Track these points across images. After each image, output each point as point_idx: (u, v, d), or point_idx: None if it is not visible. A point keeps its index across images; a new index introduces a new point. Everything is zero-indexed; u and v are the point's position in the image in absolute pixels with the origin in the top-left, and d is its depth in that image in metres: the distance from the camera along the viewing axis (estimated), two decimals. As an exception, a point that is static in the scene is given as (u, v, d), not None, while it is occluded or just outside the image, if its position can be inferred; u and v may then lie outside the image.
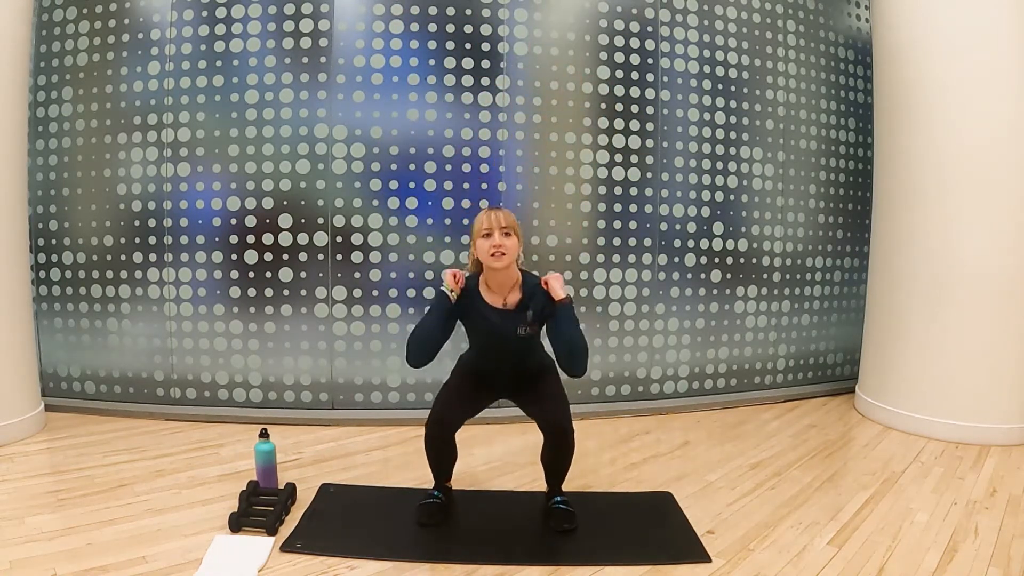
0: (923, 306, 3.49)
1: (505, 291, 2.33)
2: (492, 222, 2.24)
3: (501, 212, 2.27)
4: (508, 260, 2.24)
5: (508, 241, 2.23)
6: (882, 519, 2.49)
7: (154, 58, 3.46)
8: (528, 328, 2.31)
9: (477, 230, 2.27)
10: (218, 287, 3.51)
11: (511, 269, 2.29)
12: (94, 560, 2.08)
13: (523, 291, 2.33)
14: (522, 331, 2.31)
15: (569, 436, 2.33)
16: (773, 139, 4.01)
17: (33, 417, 3.28)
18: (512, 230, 2.25)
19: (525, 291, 2.33)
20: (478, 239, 2.26)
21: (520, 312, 2.31)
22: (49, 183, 3.58)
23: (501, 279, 2.30)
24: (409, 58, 3.47)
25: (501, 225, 2.23)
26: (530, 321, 2.31)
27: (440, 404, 2.38)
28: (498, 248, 2.21)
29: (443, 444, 2.41)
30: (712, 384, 4.03)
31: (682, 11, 3.77)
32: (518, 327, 2.31)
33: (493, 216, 2.25)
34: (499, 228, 2.23)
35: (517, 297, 2.33)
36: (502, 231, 2.23)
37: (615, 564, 2.16)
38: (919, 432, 3.47)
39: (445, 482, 2.55)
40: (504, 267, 2.25)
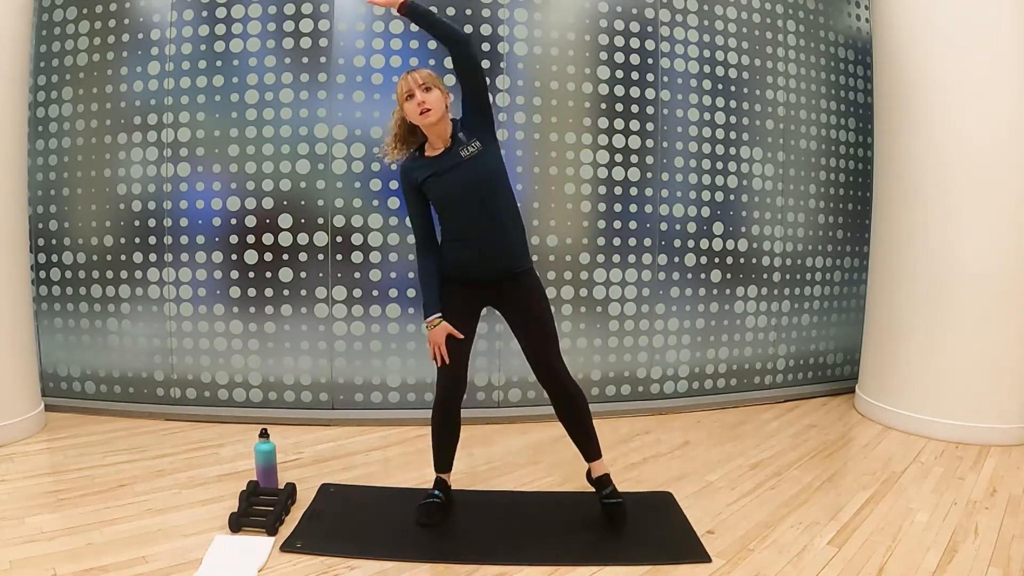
0: (923, 306, 3.49)
1: (443, 143, 2.31)
2: (411, 83, 2.23)
3: (417, 71, 2.26)
4: (436, 115, 2.23)
5: (430, 96, 2.22)
6: (882, 519, 2.49)
7: (154, 58, 3.46)
8: (468, 147, 2.27)
9: (400, 95, 2.26)
10: (218, 287, 3.51)
11: (444, 121, 2.29)
12: (94, 560, 2.08)
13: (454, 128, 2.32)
14: (465, 151, 2.27)
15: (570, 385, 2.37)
16: (773, 139, 4.01)
17: (33, 417, 3.28)
18: (431, 83, 2.24)
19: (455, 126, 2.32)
20: (403, 104, 2.26)
21: (455, 146, 2.29)
22: (49, 183, 3.58)
23: (440, 132, 2.29)
24: (409, 58, 3.47)
25: (419, 83, 2.22)
26: (465, 140, 2.28)
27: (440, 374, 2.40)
28: (423, 105, 2.21)
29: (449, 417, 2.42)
30: (712, 384, 4.03)
31: (682, 11, 3.77)
32: (460, 150, 2.27)
33: (411, 77, 2.24)
34: (419, 86, 2.22)
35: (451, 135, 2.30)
36: (422, 88, 2.22)
37: (615, 564, 2.16)
38: (919, 432, 3.47)
39: (445, 473, 2.54)
40: (435, 122, 2.25)
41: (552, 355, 2.38)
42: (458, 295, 2.39)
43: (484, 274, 2.35)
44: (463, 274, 2.37)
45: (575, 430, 2.46)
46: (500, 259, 2.34)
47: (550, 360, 2.37)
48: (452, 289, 2.39)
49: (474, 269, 2.35)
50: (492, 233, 2.31)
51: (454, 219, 2.34)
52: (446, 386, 2.41)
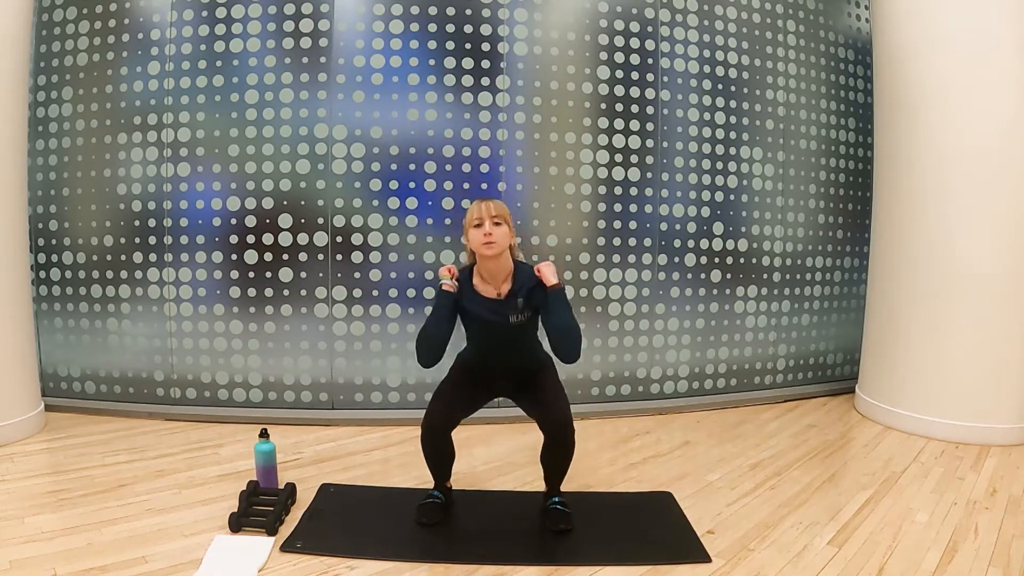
0: (923, 306, 3.49)
1: (499, 281, 2.33)
2: (483, 212, 2.25)
3: (492, 202, 2.28)
4: (499, 249, 2.25)
5: (498, 230, 2.24)
6: (882, 519, 2.49)
7: (154, 58, 3.46)
8: (520, 315, 2.31)
9: (469, 221, 2.28)
10: (218, 287, 3.51)
11: (504, 258, 2.30)
12: (94, 560, 2.08)
13: (515, 280, 2.33)
14: (514, 319, 2.31)
15: (569, 436, 2.32)
16: (773, 139, 4.01)
17: (33, 417, 3.28)
18: (503, 219, 2.26)
19: (517, 280, 2.33)
20: (470, 229, 2.28)
21: (512, 300, 2.32)
22: (49, 183, 3.58)
23: (494, 269, 2.30)
24: (409, 58, 3.47)
25: (491, 214, 2.24)
26: (521, 308, 2.31)
27: (434, 406, 2.37)
28: (489, 237, 2.22)
29: (439, 445, 2.40)
30: (712, 384, 4.03)
31: (682, 11, 3.77)
32: (511, 315, 2.31)
33: (484, 206, 2.26)
34: (489, 217, 2.24)
35: (509, 287, 2.33)
36: (492, 220, 2.24)
37: (615, 564, 2.16)
38: (919, 432, 3.47)
39: (445, 482, 2.54)
40: (495, 255, 2.26)
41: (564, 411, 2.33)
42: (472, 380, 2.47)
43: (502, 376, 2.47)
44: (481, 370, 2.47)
45: (553, 471, 2.44)
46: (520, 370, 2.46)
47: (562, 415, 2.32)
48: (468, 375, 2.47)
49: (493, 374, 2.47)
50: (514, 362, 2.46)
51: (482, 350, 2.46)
52: (435, 420, 2.35)
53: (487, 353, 2.45)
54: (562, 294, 2.28)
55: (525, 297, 2.31)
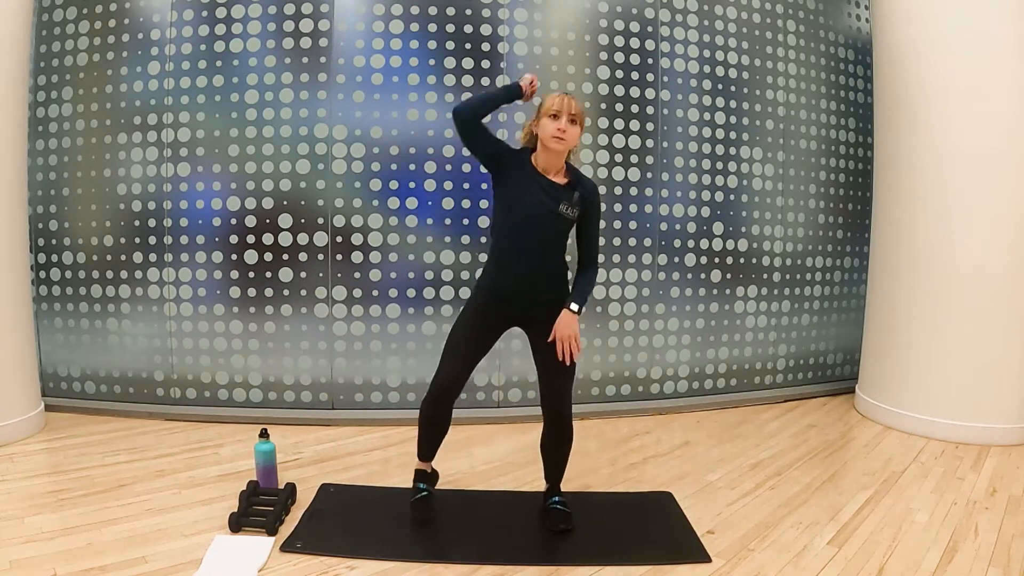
0: (923, 306, 3.49)
1: (551, 173, 2.30)
2: (563, 105, 2.21)
3: (575, 100, 2.25)
4: (567, 146, 2.24)
5: (572, 129, 2.21)
6: (882, 519, 2.49)
7: (154, 58, 3.46)
8: (571, 208, 2.27)
9: (547, 108, 2.23)
10: (218, 287, 3.51)
11: (562, 156, 2.28)
12: (94, 560, 2.08)
13: (570, 176, 2.31)
14: (565, 208, 2.26)
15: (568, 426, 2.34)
16: (773, 139, 4.01)
17: (33, 417, 3.28)
18: (579, 119, 2.24)
19: (571, 175, 2.31)
20: (545, 118, 2.23)
21: (566, 189, 2.28)
22: (49, 183, 3.58)
23: (552, 161, 2.28)
24: (409, 58, 3.47)
25: (571, 111, 2.21)
26: (575, 201, 2.27)
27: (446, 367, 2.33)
28: (562, 132, 2.19)
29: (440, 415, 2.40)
30: (712, 384, 4.03)
31: (682, 11, 3.77)
32: (561, 203, 2.26)
33: (566, 101, 2.22)
34: (568, 113, 2.20)
35: (565, 180, 2.30)
36: (570, 117, 2.21)
37: (615, 564, 2.16)
38: (919, 432, 3.47)
39: (429, 461, 2.53)
40: (561, 151, 2.25)
41: (566, 394, 2.34)
42: (490, 310, 2.37)
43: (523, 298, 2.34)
44: (500, 288, 2.35)
45: (552, 460, 2.45)
46: (542, 293, 2.34)
47: (562, 392, 2.33)
48: (487, 302, 2.38)
49: (515, 293, 2.33)
50: (540, 276, 2.32)
51: (509, 237, 2.31)
52: (445, 383, 2.35)
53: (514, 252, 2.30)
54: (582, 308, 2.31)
55: (581, 196, 2.28)
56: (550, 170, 2.29)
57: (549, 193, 2.26)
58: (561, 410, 2.34)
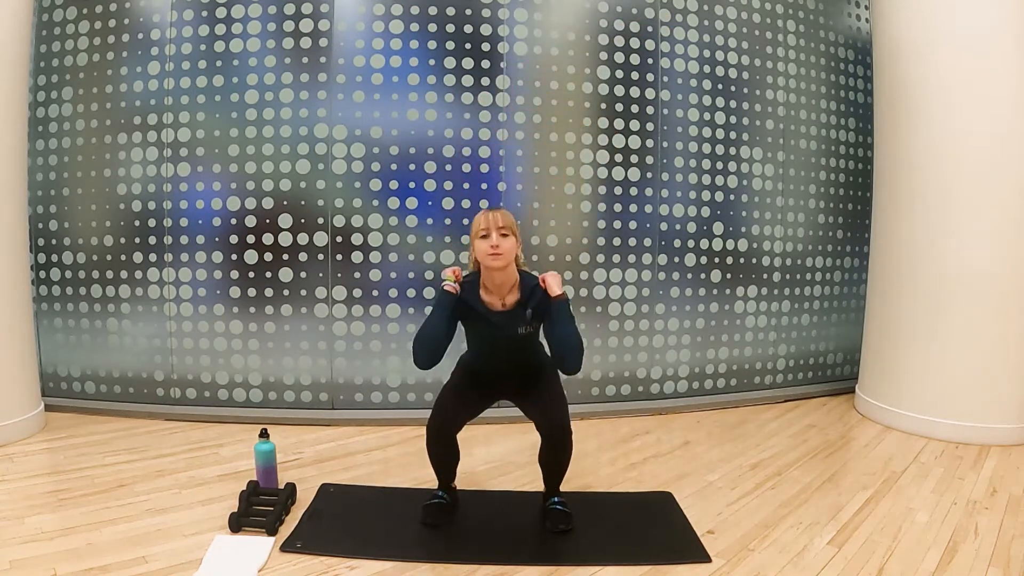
0: (923, 306, 3.49)
1: (504, 292, 2.32)
2: (489, 223, 2.23)
3: (499, 212, 2.26)
4: (505, 261, 2.24)
5: (505, 242, 2.22)
6: (882, 519, 2.49)
7: (154, 58, 3.46)
8: (528, 327, 2.32)
9: (475, 231, 2.27)
10: (218, 287, 3.51)
11: (509, 270, 2.29)
12: (94, 560, 2.08)
13: (521, 291, 2.33)
14: (522, 330, 2.31)
15: (568, 438, 2.32)
16: (773, 139, 4.01)
17: (33, 417, 3.28)
18: (510, 230, 2.24)
19: (523, 290, 2.32)
20: (476, 240, 2.26)
21: (518, 311, 2.31)
22: (49, 183, 3.58)
23: (499, 280, 2.30)
24: (409, 58, 3.47)
25: (498, 225, 2.22)
26: (529, 320, 2.31)
27: (439, 409, 2.37)
28: (495, 249, 2.21)
29: (445, 448, 2.41)
30: (712, 384, 4.03)
31: (682, 11, 3.77)
32: (518, 327, 2.31)
33: (491, 216, 2.24)
34: (496, 228, 2.22)
35: (515, 297, 2.32)
36: (499, 231, 2.22)
37: (615, 564, 2.16)
38: (919, 432, 3.47)
39: (449, 483, 2.54)
40: (501, 268, 2.25)
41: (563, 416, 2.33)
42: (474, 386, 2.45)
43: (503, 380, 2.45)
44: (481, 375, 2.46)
45: (552, 471, 2.45)
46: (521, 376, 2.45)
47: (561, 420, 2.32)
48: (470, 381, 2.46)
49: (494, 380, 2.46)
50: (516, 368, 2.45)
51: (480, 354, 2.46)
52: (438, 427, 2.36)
53: (490, 360, 2.44)
54: (565, 305, 2.27)
55: (533, 308, 2.30)
56: (504, 287, 2.31)
57: (503, 323, 2.31)
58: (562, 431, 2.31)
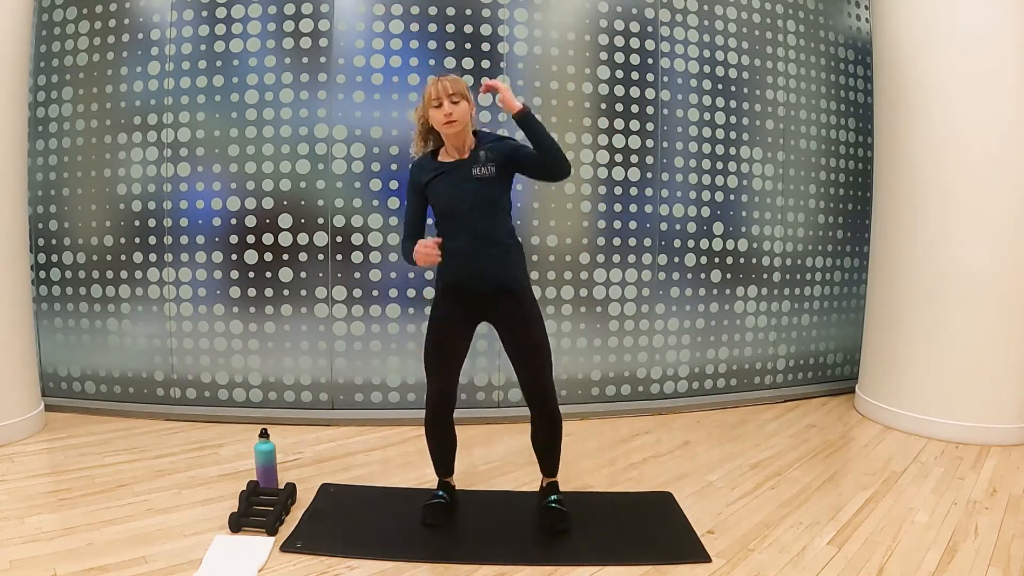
0: (923, 306, 3.49)
1: (462, 152, 2.32)
2: (440, 91, 2.22)
3: (448, 79, 2.25)
4: (460, 126, 2.25)
5: (458, 108, 2.22)
6: (882, 519, 2.49)
7: (154, 58, 3.46)
8: (484, 167, 2.27)
9: (427, 100, 2.26)
10: (218, 287, 3.51)
11: (465, 132, 2.30)
12: (94, 560, 2.08)
13: (478, 142, 2.33)
14: (477, 170, 2.27)
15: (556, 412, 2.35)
16: (773, 139, 4.01)
17: (33, 417, 3.28)
18: (460, 96, 2.24)
19: (481, 142, 2.33)
20: (430, 110, 2.26)
21: (473, 155, 2.29)
22: (49, 183, 3.58)
23: (458, 142, 2.30)
24: (409, 58, 3.47)
25: (448, 93, 2.22)
26: (484, 159, 2.28)
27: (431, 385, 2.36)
28: (449, 116, 2.21)
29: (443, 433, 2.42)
30: (712, 384, 4.03)
31: (682, 11, 3.77)
32: (472, 168, 2.27)
33: (440, 85, 2.23)
34: (447, 96, 2.22)
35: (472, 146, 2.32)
36: (450, 99, 2.22)
37: (615, 564, 2.16)
38: (919, 432, 3.46)
39: (448, 477, 2.54)
40: (456, 132, 2.26)
41: (545, 377, 2.33)
42: (452, 310, 2.37)
43: (478, 286, 2.31)
44: (457, 284, 2.34)
45: (544, 450, 2.44)
46: (495, 274, 2.31)
47: (543, 382, 2.33)
48: (447, 304, 2.38)
49: (468, 280, 2.32)
50: (488, 248, 2.30)
51: (452, 228, 2.31)
52: (435, 400, 2.37)
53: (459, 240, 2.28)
54: (531, 116, 2.25)
55: (487, 150, 2.29)
56: (462, 148, 2.32)
57: (458, 170, 2.29)
58: (544, 393, 2.33)
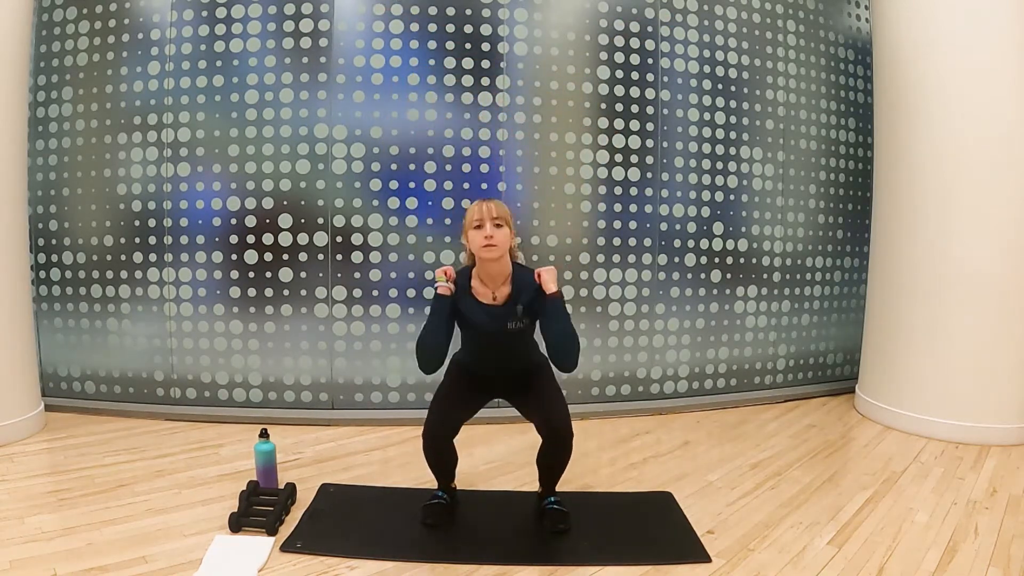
0: (923, 306, 3.49)
1: (497, 284, 2.29)
2: (483, 213, 2.21)
3: (492, 203, 2.24)
4: (500, 252, 2.22)
5: (499, 233, 2.20)
6: (882, 519, 2.49)
7: (154, 58, 3.46)
8: (518, 322, 2.29)
9: (469, 221, 2.24)
10: (218, 287, 3.51)
11: (503, 261, 2.27)
12: (94, 560, 2.08)
13: (514, 284, 2.30)
14: (512, 325, 2.28)
15: (569, 440, 2.31)
16: (773, 139, 4.01)
17: (33, 417, 3.28)
18: (504, 221, 2.22)
19: (516, 285, 2.30)
20: (470, 231, 2.24)
21: (510, 306, 2.28)
22: (49, 183, 3.58)
23: (493, 272, 2.27)
24: (409, 58, 3.47)
25: (492, 216, 2.20)
26: (519, 315, 2.28)
27: (434, 413, 2.35)
28: (490, 240, 2.19)
29: (441, 452, 2.40)
30: (712, 384, 4.03)
31: (682, 11, 3.77)
32: (508, 322, 2.28)
33: (484, 207, 2.22)
34: (490, 219, 2.20)
35: (507, 291, 2.30)
36: (493, 222, 2.20)
37: (615, 564, 2.16)
38: (919, 432, 3.47)
39: (449, 483, 2.54)
40: (495, 259, 2.23)
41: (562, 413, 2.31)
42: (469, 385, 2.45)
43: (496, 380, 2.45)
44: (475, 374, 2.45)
45: (548, 471, 2.44)
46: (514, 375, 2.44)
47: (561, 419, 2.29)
48: (467, 379, 2.45)
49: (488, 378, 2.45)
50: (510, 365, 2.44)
51: (474, 350, 2.44)
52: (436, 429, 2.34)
53: (483, 357, 2.43)
54: (560, 302, 2.24)
55: (525, 304, 2.28)
56: (496, 280, 2.29)
57: (494, 318, 2.29)
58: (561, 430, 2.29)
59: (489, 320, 2.29)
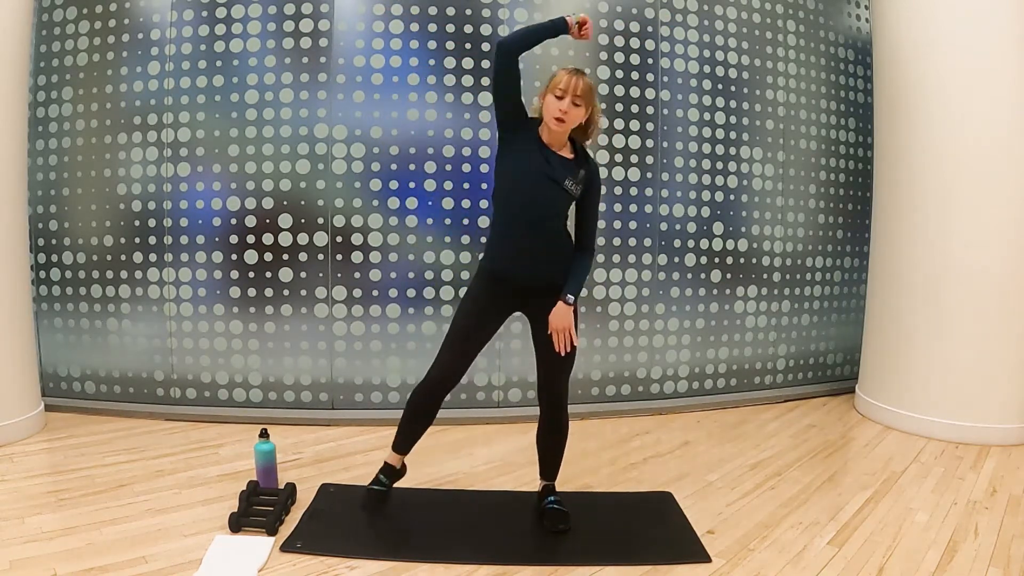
0: (923, 306, 3.49)
1: (556, 148, 2.26)
2: (570, 86, 2.14)
3: (583, 80, 2.16)
4: (567, 128, 2.20)
5: (575, 110, 2.17)
6: (882, 519, 2.49)
7: (154, 58, 3.46)
8: (575, 184, 2.23)
9: (553, 85, 2.18)
10: (218, 287, 3.51)
11: (564, 134, 2.24)
12: (94, 560, 2.08)
13: (577, 154, 2.27)
14: (569, 184, 2.22)
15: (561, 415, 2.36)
16: (773, 139, 4.01)
17: (33, 417, 3.28)
18: (585, 101, 2.18)
19: (578, 153, 2.28)
20: (550, 95, 2.18)
21: (573, 165, 2.24)
22: (49, 183, 3.58)
23: (555, 138, 2.24)
24: (409, 58, 3.47)
25: (576, 92, 2.16)
26: (579, 179, 2.24)
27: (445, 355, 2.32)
28: (564, 113, 2.15)
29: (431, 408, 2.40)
30: (712, 384, 4.03)
31: (682, 11, 3.77)
32: (567, 179, 2.22)
33: (574, 81, 2.14)
34: (573, 94, 2.15)
35: (570, 155, 2.26)
36: (575, 99, 2.16)
37: (615, 564, 2.16)
38: (919, 432, 3.47)
39: (403, 456, 2.54)
40: (561, 132, 2.21)
41: (563, 381, 2.34)
42: (492, 294, 2.34)
43: (526, 281, 2.29)
44: (503, 270, 2.30)
45: (547, 453, 2.46)
46: (546, 271, 2.28)
47: (560, 386, 2.34)
48: (487, 287, 2.34)
49: (518, 273, 2.28)
50: (545, 245, 2.27)
51: (512, 214, 2.27)
52: (442, 374, 2.32)
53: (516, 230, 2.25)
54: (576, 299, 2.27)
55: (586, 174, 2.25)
56: (554, 145, 2.25)
57: (555, 166, 2.22)
58: (558, 400, 2.35)
59: (543, 161, 2.21)
